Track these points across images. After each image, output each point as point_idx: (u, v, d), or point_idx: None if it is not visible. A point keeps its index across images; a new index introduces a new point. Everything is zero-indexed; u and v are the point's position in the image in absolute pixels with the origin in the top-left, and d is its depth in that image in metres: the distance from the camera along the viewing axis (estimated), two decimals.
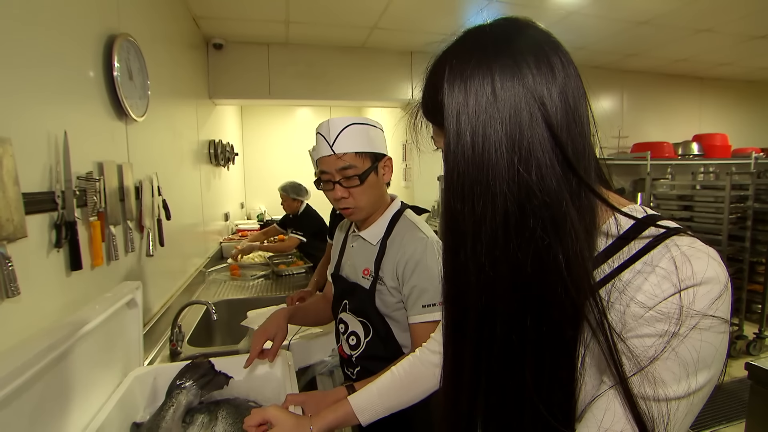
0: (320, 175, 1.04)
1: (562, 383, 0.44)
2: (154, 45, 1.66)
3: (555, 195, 0.41)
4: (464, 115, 0.43)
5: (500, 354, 0.45)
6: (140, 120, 1.40)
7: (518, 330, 0.44)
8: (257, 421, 0.75)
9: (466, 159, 0.43)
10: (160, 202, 1.55)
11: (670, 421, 0.40)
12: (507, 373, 0.45)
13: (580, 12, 2.71)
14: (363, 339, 1.06)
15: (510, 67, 0.42)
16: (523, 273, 0.42)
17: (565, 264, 0.41)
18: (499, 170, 0.41)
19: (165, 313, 1.60)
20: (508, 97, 0.42)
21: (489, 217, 0.42)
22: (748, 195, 3.02)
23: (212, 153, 2.90)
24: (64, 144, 0.94)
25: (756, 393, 1.30)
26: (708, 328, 0.39)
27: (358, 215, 1.04)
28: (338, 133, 0.98)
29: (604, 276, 0.44)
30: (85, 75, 1.10)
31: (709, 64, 4.07)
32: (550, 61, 0.43)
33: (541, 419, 0.44)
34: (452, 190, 0.44)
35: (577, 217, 0.42)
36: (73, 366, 0.80)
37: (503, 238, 0.42)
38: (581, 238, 0.41)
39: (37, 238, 0.84)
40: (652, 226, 0.45)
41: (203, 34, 2.94)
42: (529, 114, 0.41)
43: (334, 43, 3.28)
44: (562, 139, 0.41)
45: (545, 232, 0.41)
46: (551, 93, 0.42)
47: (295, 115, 5.51)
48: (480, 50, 0.44)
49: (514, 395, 0.46)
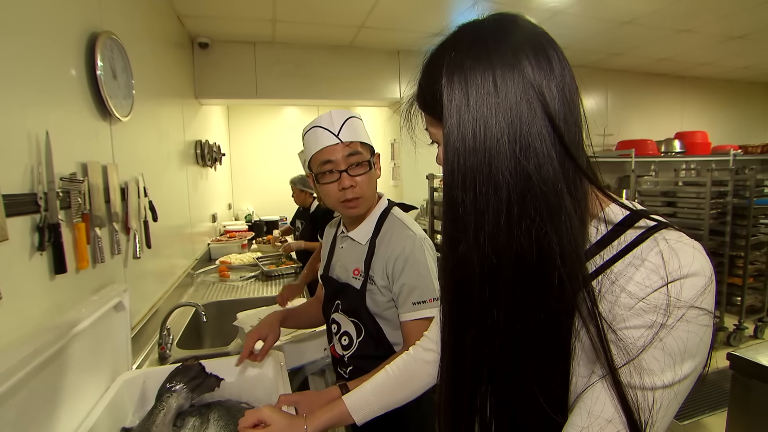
0: (321, 168, 1.00)
1: (558, 371, 0.45)
2: (138, 44, 1.63)
3: (552, 184, 0.42)
4: (465, 107, 0.43)
5: (504, 342, 0.45)
6: (125, 120, 1.37)
7: (520, 318, 0.44)
8: (251, 422, 0.75)
9: (467, 149, 0.44)
10: (146, 203, 1.52)
11: (655, 409, 0.41)
12: (510, 361, 0.46)
13: (565, 12, 2.75)
14: (355, 339, 1.06)
15: (510, 60, 0.43)
16: (525, 261, 0.42)
17: (559, 253, 0.42)
18: (501, 159, 0.42)
19: (153, 316, 1.57)
20: (509, 87, 0.42)
21: (492, 205, 0.43)
22: (728, 191, 3.10)
23: (199, 153, 2.86)
24: (46, 144, 0.91)
25: (737, 382, 1.34)
26: (694, 319, 0.41)
27: (361, 207, 1.03)
28: (343, 123, 0.99)
29: (597, 267, 0.45)
30: (67, 74, 1.07)
31: (690, 64, 4.17)
32: (548, 55, 0.44)
33: (539, 407, 0.45)
34: (453, 180, 0.45)
35: (573, 207, 0.42)
36: (60, 370, 0.79)
37: (506, 227, 0.42)
38: (576, 227, 0.42)
39: (18, 241, 0.82)
40: (641, 220, 0.46)
41: (188, 33, 2.90)
42: (529, 105, 0.42)
43: (322, 42, 3.26)
44: (561, 129, 0.42)
45: (542, 220, 0.42)
46: (550, 85, 0.43)
47: (282, 115, 5.47)
48: (480, 43, 0.45)
49: (516, 382, 0.46)
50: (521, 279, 0.43)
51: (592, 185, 0.47)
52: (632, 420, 0.41)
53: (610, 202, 0.49)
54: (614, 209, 0.48)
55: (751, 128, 5.15)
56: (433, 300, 0.98)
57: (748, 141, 4.78)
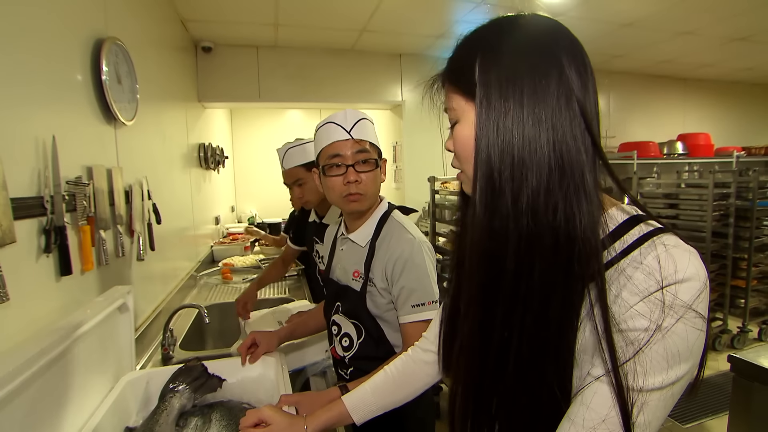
0: (329, 161, 1.03)
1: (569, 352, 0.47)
2: (142, 48, 1.65)
3: (580, 169, 0.45)
4: (503, 91, 0.46)
5: (535, 316, 0.46)
6: (129, 124, 1.39)
7: (552, 290, 0.46)
8: (252, 422, 0.76)
9: (505, 124, 0.46)
10: (150, 206, 1.54)
11: (646, 410, 0.42)
12: (539, 332, 0.47)
13: (566, 14, 2.76)
14: (356, 340, 1.07)
15: (550, 56, 0.46)
16: (562, 231, 0.45)
17: (581, 231, 0.44)
18: (540, 138, 0.45)
19: (156, 318, 1.59)
20: (549, 78, 0.45)
21: (534, 175, 0.45)
22: (730, 193, 3.09)
23: (202, 156, 2.88)
24: (53, 148, 0.93)
25: (738, 384, 1.34)
26: (687, 323, 0.42)
27: (363, 203, 1.05)
28: (356, 122, 1.03)
29: (606, 261, 0.46)
30: (73, 79, 1.09)
31: (692, 66, 4.16)
32: (583, 59, 0.48)
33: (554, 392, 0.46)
34: (489, 152, 0.47)
35: (595, 194, 0.46)
36: (65, 371, 0.80)
37: (545, 196, 0.45)
38: (596, 214, 0.45)
39: (26, 243, 0.84)
40: (643, 223, 0.47)
41: (192, 37, 2.93)
42: (567, 96, 0.46)
43: (324, 46, 3.29)
44: (591, 126, 0.46)
45: (571, 200, 0.45)
46: (583, 83, 0.47)
47: (284, 118, 5.49)
48: (520, 35, 0.48)
49: (543, 354, 0.47)
50: (557, 250, 0.45)
51: (614, 180, 0.50)
52: (627, 420, 0.41)
53: (617, 203, 0.51)
54: (623, 208, 0.50)
55: (755, 130, 5.14)
56: (432, 302, 0.99)
57: (752, 142, 4.76)
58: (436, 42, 3.18)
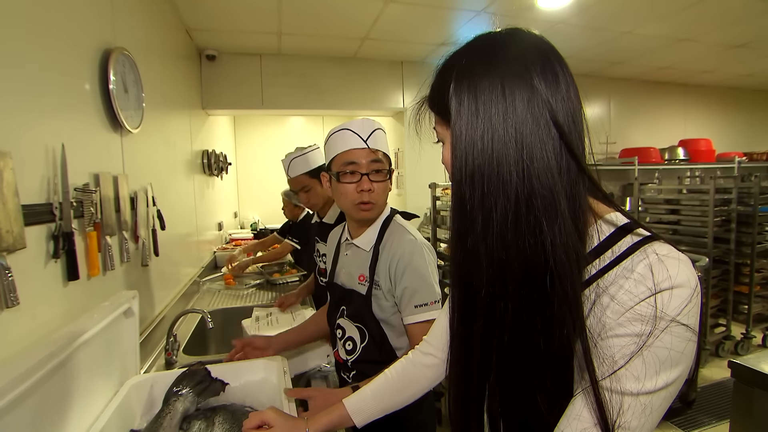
0: (344, 168, 1.04)
1: (563, 369, 0.47)
2: (148, 57, 1.69)
3: (550, 189, 0.44)
4: (473, 111, 0.46)
5: (511, 335, 0.47)
6: (135, 131, 1.42)
7: (527, 313, 0.46)
8: (255, 424, 0.77)
9: (475, 150, 0.46)
10: (154, 212, 1.56)
11: (636, 415, 0.43)
12: (517, 354, 0.47)
13: (565, 22, 2.79)
14: (359, 344, 1.08)
15: (519, 70, 0.46)
16: (532, 258, 0.45)
17: (553, 254, 0.44)
18: (509, 162, 0.45)
19: (160, 323, 1.60)
20: (516, 96, 0.45)
21: (501, 203, 0.45)
22: (732, 198, 3.09)
23: (205, 163, 2.91)
24: (62, 156, 0.96)
25: (739, 390, 1.34)
26: (678, 329, 0.42)
27: (373, 212, 1.07)
28: (372, 132, 1.05)
29: (590, 276, 0.47)
30: (81, 89, 1.12)
31: (692, 72, 4.18)
32: (555, 70, 0.47)
33: (545, 403, 0.47)
34: (461, 177, 0.48)
35: (569, 213, 0.45)
36: (71, 375, 0.81)
37: (514, 223, 0.45)
38: (570, 233, 0.44)
39: (35, 249, 0.86)
40: (632, 233, 0.48)
41: (196, 46, 2.97)
42: (533, 114, 0.45)
43: (326, 54, 3.33)
44: (566, 137, 0.45)
45: (543, 222, 0.44)
46: (555, 98, 0.45)
47: (287, 125, 5.54)
48: (490, 52, 0.48)
49: (524, 375, 0.48)
50: (529, 273, 0.45)
51: (594, 193, 0.49)
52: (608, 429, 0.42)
53: (609, 211, 0.51)
54: (611, 219, 0.50)
55: (756, 135, 5.14)
56: (435, 302, 1.00)
57: (754, 148, 4.76)
58: (438, 50, 3.22)
